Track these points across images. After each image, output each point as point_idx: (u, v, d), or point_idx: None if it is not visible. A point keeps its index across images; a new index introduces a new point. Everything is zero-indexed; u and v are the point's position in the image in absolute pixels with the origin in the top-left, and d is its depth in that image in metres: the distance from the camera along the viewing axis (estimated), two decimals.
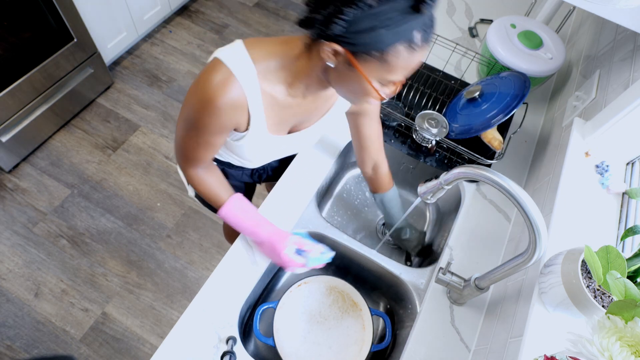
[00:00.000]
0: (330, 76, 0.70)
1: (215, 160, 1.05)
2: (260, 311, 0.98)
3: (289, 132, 0.89)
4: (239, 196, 0.93)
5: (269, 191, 1.67)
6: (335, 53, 0.63)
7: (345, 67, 0.65)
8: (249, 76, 0.71)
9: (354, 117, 0.97)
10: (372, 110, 0.95)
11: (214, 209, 1.08)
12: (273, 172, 1.25)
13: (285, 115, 0.82)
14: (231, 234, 1.64)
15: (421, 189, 0.85)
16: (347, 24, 0.59)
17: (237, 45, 0.71)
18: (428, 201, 0.85)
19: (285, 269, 0.97)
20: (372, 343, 0.99)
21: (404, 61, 0.63)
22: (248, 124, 0.79)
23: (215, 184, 0.92)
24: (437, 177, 0.81)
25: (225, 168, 1.10)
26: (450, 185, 0.79)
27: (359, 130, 0.99)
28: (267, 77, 0.73)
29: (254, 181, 1.26)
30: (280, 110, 0.80)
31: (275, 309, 1.00)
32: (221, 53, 0.70)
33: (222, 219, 0.94)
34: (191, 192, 1.20)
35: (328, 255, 0.96)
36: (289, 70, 0.73)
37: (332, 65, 0.66)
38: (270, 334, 0.97)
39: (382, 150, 1.05)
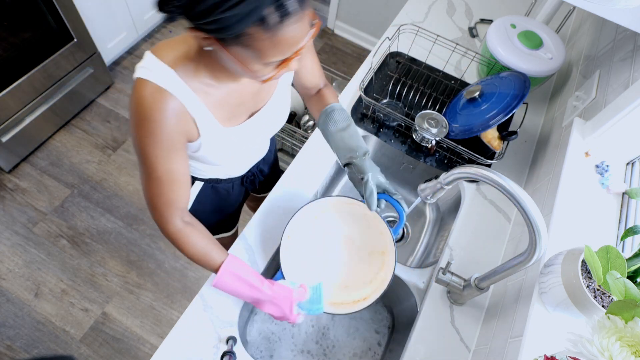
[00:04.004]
0: (218, 59, 0.66)
1: (202, 179, 0.99)
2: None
3: (250, 117, 0.83)
4: (233, 255, 0.84)
5: (252, 208, 1.62)
6: (205, 38, 0.57)
7: (222, 52, 0.60)
8: (173, 82, 0.67)
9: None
10: (304, 63, 0.90)
11: None
12: (265, 178, 1.20)
13: (233, 102, 0.77)
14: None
15: (421, 188, 0.85)
16: (185, 9, 0.53)
17: (149, 57, 0.68)
18: (428, 201, 0.85)
19: (289, 322, 0.89)
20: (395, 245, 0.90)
21: (269, 42, 0.55)
22: (198, 129, 0.74)
23: (205, 240, 0.81)
24: (437, 177, 0.80)
25: (214, 184, 1.04)
26: (450, 185, 0.79)
27: (299, 76, 0.93)
28: (190, 76, 0.69)
29: (246, 190, 1.19)
30: (224, 100, 0.75)
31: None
32: (139, 72, 0.67)
33: (216, 283, 0.80)
34: None
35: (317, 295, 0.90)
36: (203, 62, 0.69)
37: (211, 49, 0.62)
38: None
39: (323, 76, 0.97)
